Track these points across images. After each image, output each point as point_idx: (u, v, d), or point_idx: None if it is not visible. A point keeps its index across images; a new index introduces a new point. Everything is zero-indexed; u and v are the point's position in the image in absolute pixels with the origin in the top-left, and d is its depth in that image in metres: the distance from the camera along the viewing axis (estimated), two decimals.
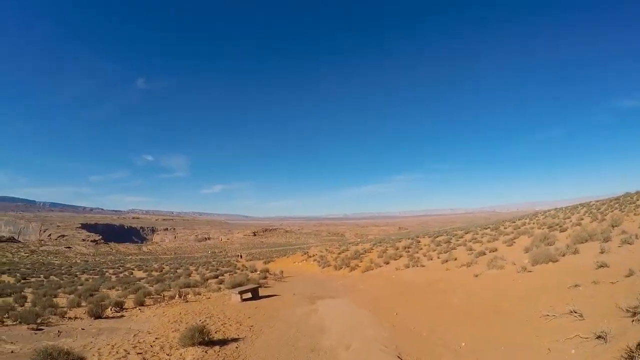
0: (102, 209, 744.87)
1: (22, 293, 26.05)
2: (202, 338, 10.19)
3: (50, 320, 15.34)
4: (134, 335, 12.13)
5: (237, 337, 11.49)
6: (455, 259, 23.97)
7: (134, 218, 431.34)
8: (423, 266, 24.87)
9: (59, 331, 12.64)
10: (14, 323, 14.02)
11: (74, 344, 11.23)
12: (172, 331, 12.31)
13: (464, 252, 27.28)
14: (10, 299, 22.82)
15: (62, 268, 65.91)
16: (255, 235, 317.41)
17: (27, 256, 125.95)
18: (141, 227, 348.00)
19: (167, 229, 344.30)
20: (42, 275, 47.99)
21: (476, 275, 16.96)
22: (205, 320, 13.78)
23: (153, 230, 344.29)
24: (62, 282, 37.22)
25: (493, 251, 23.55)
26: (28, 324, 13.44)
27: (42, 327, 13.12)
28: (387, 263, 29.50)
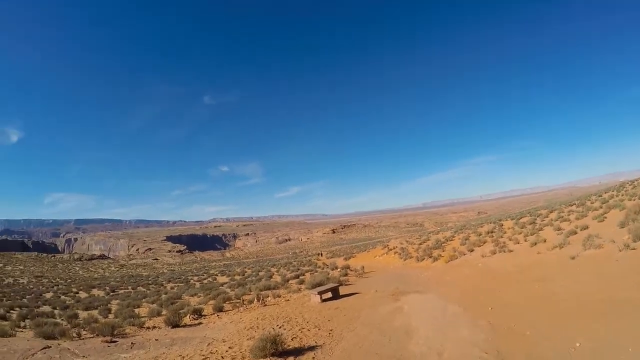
0: (184, 221, 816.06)
1: (108, 305, 28.02)
2: (275, 348, 9.22)
3: (127, 331, 15.69)
4: (208, 344, 11.64)
5: (314, 344, 10.36)
6: (545, 241, 22.38)
7: (215, 227, 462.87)
8: (511, 251, 23.41)
9: (132, 343, 12.59)
10: (91, 336, 14.39)
11: (145, 356, 11.01)
12: (247, 339, 11.58)
13: (552, 232, 25.52)
14: (95, 312, 24.58)
15: (150, 279, 71.18)
16: (334, 232, 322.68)
17: (117, 270, 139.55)
18: (223, 235, 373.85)
19: (248, 234, 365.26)
20: (129, 287, 52.08)
21: (573, 258, 15.63)
22: (282, 325, 12.94)
23: (235, 236, 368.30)
24: (148, 292, 39.78)
25: (584, 229, 21.93)
26: (104, 336, 13.69)
27: (116, 340, 13.22)
28: (472, 250, 28.24)
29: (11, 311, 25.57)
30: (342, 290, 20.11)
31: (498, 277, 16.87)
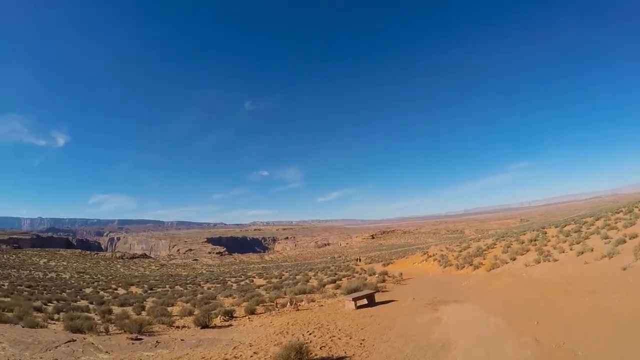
0: (225, 224, 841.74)
1: (143, 303, 28.59)
2: (299, 358, 8.65)
3: (156, 329, 15.70)
4: (234, 347, 11.28)
5: (343, 355, 9.69)
6: (592, 250, 21.55)
7: (255, 230, 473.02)
8: (556, 260, 22.65)
9: (157, 341, 12.46)
10: (119, 332, 14.45)
11: (168, 356, 10.81)
12: (274, 345, 11.11)
13: (599, 241, 24.72)
14: (129, 308, 25.07)
15: (188, 278, 73.03)
16: (373, 238, 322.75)
17: (157, 269, 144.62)
18: (263, 238, 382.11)
19: (287, 238, 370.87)
20: (167, 286, 53.46)
21: (624, 269, 14.76)
22: (312, 332, 12.38)
23: (274, 240, 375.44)
24: (184, 291, 40.56)
25: (634, 237, 21.27)
26: (131, 333, 13.69)
27: (142, 337, 13.17)
28: (514, 259, 27.48)
29: (49, 304, 26.61)
30: (379, 297, 19.31)
31: (543, 288, 15.82)
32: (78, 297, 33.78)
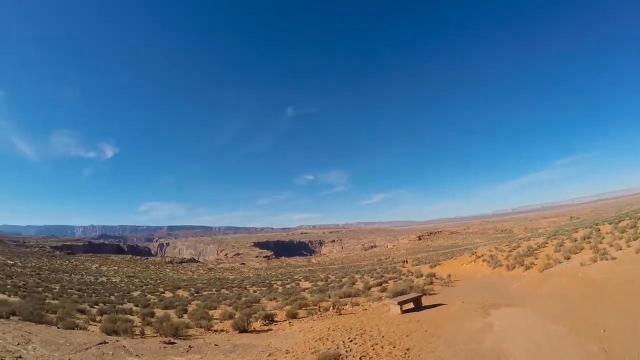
0: (271, 228, 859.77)
1: (187, 306, 28.84)
2: None
3: (193, 333, 15.49)
4: (269, 354, 10.67)
5: None
6: None
7: (302, 233, 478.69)
8: (614, 258, 21.58)
9: (189, 346, 12.06)
10: (155, 335, 14.24)
11: None
12: (311, 352, 10.36)
13: None
14: (172, 311, 25.23)
15: (235, 282, 73.98)
16: (420, 239, 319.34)
17: (205, 273, 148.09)
18: (309, 241, 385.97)
19: (334, 241, 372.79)
20: (213, 289, 54.22)
21: None
22: (354, 339, 11.48)
23: (321, 243, 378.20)
24: (230, 294, 40.81)
25: None
26: (165, 337, 13.43)
27: (175, 341, 12.86)
28: (568, 258, 26.41)
29: (95, 306, 27.34)
30: (426, 301, 18.11)
31: (603, 289, 14.37)
32: (125, 299, 34.67)
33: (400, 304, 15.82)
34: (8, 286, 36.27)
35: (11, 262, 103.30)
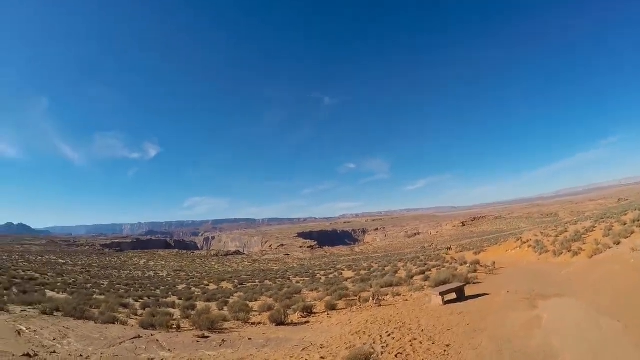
0: (315, 218, 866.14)
1: (230, 298, 29.21)
2: None
3: (230, 326, 15.41)
4: (303, 349, 10.30)
5: None
6: None
7: (345, 222, 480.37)
8: None
9: (223, 340, 11.92)
10: (190, 328, 14.23)
11: (231, 356, 10.18)
12: (346, 348, 9.86)
13: None
14: (214, 304, 25.50)
15: (278, 273, 74.83)
16: (464, 225, 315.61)
17: (250, 265, 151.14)
18: (352, 230, 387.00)
19: (377, 229, 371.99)
20: (257, 281, 54.94)
21: None
22: (392, 333, 10.85)
23: (364, 232, 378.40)
24: (273, 285, 41.16)
25: None
26: (201, 330, 13.38)
27: (209, 335, 12.77)
28: (618, 243, 24.60)
29: (140, 300, 28.04)
30: (469, 290, 17.11)
31: None
32: (169, 293, 35.51)
33: (442, 294, 14.98)
34: (58, 284, 38.08)
35: (62, 261, 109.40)
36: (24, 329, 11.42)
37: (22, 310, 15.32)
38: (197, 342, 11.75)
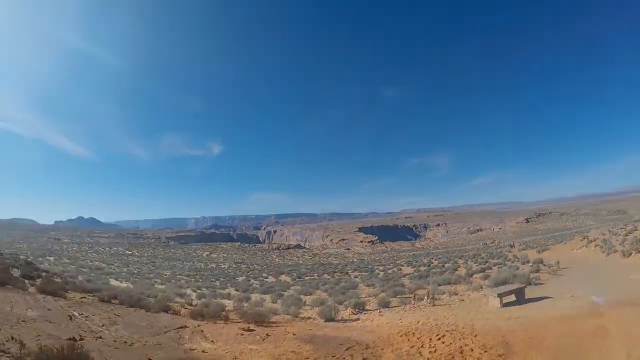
0: (376, 213, 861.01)
1: (286, 291, 29.49)
2: None
3: (277, 320, 15.28)
4: (346, 349, 9.88)
5: None
6: None
7: (406, 218, 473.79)
8: None
9: (267, 334, 11.72)
10: (238, 321, 14.26)
11: (273, 351, 10.01)
12: (391, 350, 9.26)
13: None
14: (267, 297, 25.72)
15: (338, 267, 74.86)
16: (527, 221, 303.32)
17: (310, 259, 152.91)
18: (414, 225, 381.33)
19: (438, 225, 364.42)
20: (316, 274, 55.17)
21: None
22: (442, 337, 10.05)
23: (425, 227, 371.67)
24: (331, 279, 41.08)
25: None
26: (247, 323, 13.33)
27: (254, 329, 12.62)
28: None
29: (197, 290, 28.93)
30: (530, 292, 15.75)
31: None
32: (228, 284, 36.36)
33: (500, 296, 13.84)
34: (123, 273, 40.30)
35: (129, 252, 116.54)
36: (77, 314, 11.83)
37: (81, 297, 16.02)
38: (242, 335, 11.62)
